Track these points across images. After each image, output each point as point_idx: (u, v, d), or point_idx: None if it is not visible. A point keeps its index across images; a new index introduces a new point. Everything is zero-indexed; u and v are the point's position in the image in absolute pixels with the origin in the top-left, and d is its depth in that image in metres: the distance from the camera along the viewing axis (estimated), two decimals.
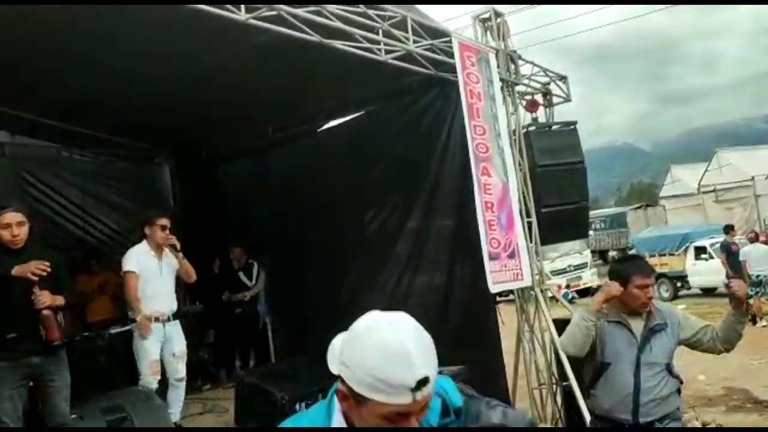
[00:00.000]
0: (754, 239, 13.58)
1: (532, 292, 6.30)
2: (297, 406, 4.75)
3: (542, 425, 6.19)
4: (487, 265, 5.50)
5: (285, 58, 5.52)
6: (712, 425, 6.06)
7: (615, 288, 3.22)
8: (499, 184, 5.70)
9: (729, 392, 7.35)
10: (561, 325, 6.07)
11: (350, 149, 7.18)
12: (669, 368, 3.20)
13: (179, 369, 4.83)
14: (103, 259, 7.20)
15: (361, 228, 7.26)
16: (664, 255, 19.90)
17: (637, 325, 3.22)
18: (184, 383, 4.88)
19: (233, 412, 4.96)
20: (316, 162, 7.38)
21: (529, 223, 6.34)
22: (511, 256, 5.68)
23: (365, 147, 7.09)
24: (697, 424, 6.10)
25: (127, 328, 6.14)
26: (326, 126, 7.60)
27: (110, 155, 7.99)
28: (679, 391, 3.26)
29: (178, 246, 4.83)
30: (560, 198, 6.51)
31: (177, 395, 4.83)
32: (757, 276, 12.45)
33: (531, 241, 6.36)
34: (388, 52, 5.44)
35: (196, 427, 4.71)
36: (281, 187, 7.57)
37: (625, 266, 3.34)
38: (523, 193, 6.34)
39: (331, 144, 7.48)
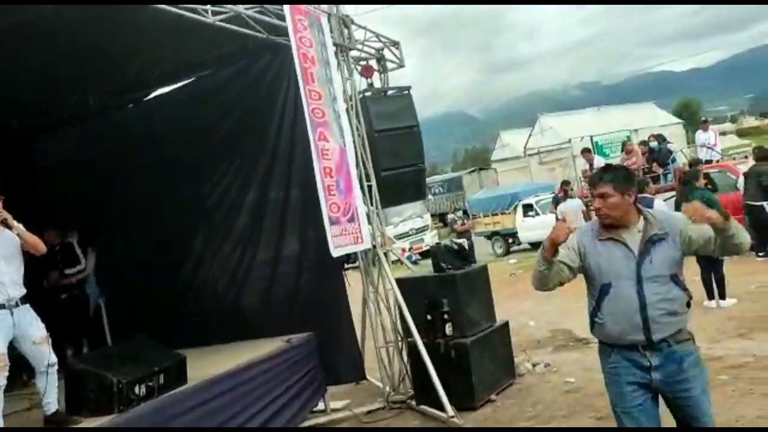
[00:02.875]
0: (564, 197, 14.45)
1: (376, 258, 6.43)
2: (137, 389, 4.48)
3: (389, 382, 6.41)
4: (328, 229, 5.53)
5: (102, 20, 5.08)
6: (541, 365, 6.62)
7: (562, 231, 3.07)
8: (336, 149, 5.71)
9: (554, 334, 8.07)
10: (404, 284, 6.30)
11: (183, 119, 6.81)
12: (675, 279, 2.98)
13: (46, 354, 4.27)
14: None
15: (201, 201, 6.98)
16: (497, 214, 21.27)
17: (634, 239, 3.01)
18: (55, 368, 4.34)
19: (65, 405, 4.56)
20: (145, 132, 6.94)
21: (369, 187, 6.45)
22: (351, 219, 5.75)
23: (199, 116, 6.76)
24: (528, 366, 6.64)
25: None
26: (154, 94, 7.15)
27: None
28: (688, 304, 3.03)
29: (10, 219, 4.22)
30: (398, 161, 6.68)
31: (51, 382, 4.27)
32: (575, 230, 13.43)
33: (372, 205, 6.48)
34: (215, 13, 5.20)
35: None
36: (107, 161, 7.04)
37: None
38: (362, 157, 6.42)
39: (162, 113, 7.05)
